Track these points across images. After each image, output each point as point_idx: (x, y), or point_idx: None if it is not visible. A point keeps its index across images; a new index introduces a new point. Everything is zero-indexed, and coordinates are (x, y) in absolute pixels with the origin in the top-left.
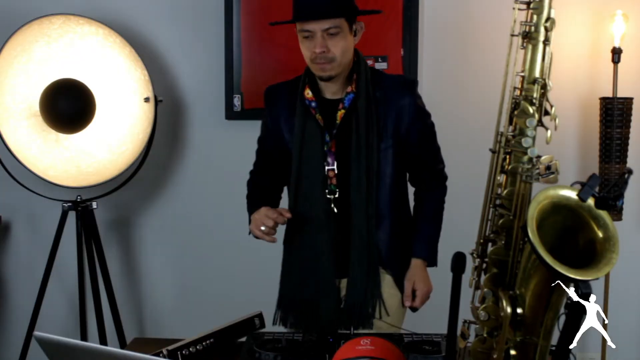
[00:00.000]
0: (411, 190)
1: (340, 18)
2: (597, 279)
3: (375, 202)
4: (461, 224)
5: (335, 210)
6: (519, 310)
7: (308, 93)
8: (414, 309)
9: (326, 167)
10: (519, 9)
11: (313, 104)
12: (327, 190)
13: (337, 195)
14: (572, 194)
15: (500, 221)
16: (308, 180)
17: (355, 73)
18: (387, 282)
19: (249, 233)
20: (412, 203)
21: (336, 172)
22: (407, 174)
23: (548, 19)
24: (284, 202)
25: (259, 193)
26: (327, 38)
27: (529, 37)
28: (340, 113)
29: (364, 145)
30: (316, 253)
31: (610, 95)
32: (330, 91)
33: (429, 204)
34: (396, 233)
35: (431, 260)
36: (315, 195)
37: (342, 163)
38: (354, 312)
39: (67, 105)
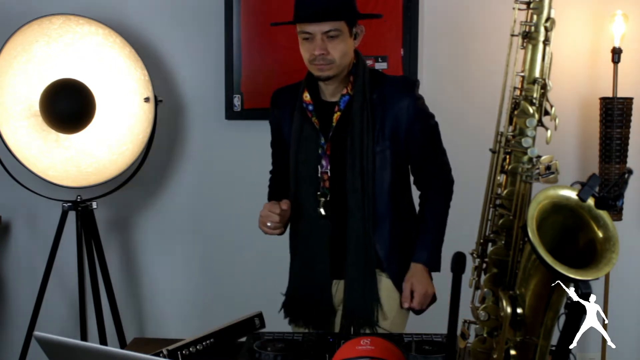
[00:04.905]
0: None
1: (341, 21)
2: (597, 279)
3: (373, 205)
4: (461, 224)
5: (323, 212)
6: (519, 310)
7: (306, 96)
8: (416, 312)
9: (320, 170)
10: (519, 9)
11: (310, 107)
12: (318, 193)
13: (328, 199)
14: (572, 194)
15: (500, 221)
16: (304, 182)
17: (352, 75)
18: (386, 286)
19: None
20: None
21: (329, 174)
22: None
23: (548, 19)
24: None
25: (276, 190)
26: (327, 41)
27: (529, 37)
28: (336, 116)
29: (358, 148)
30: (312, 255)
31: (610, 95)
32: (329, 93)
33: (431, 207)
34: (396, 235)
35: (433, 265)
36: (309, 197)
37: (339, 166)
38: (354, 316)
39: (67, 105)
